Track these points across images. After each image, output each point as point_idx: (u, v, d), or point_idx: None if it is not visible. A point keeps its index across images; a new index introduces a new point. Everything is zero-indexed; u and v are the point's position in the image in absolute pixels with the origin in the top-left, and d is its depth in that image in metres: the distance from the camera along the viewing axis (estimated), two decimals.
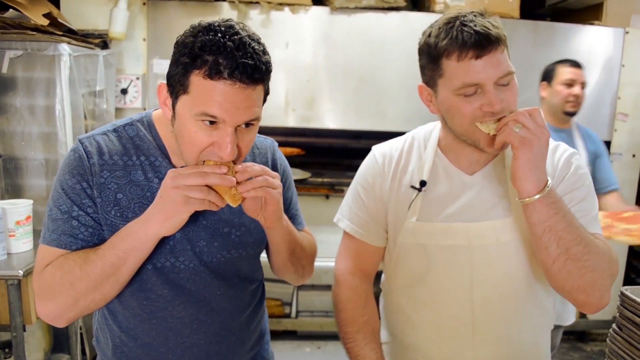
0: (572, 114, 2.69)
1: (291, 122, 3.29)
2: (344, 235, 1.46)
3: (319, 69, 3.25)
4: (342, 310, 1.40)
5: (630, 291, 1.19)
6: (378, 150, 1.44)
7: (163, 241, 1.16)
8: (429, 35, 1.23)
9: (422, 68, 1.27)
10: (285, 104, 3.23)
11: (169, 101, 1.09)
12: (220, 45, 0.99)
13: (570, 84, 2.66)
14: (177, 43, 1.05)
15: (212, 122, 1.03)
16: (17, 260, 2.13)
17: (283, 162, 1.40)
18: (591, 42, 3.47)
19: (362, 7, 3.18)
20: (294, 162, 3.40)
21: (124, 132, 1.20)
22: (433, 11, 3.30)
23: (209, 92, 1.00)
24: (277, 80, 3.16)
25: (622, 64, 3.48)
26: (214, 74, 0.99)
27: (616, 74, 3.49)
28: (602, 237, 1.28)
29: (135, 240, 1.08)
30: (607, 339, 1.23)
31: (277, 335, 3.50)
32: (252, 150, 1.32)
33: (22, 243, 2.19)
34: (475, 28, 1.15)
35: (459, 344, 1.35)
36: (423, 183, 1.33)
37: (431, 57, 1.22)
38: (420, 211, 1.33)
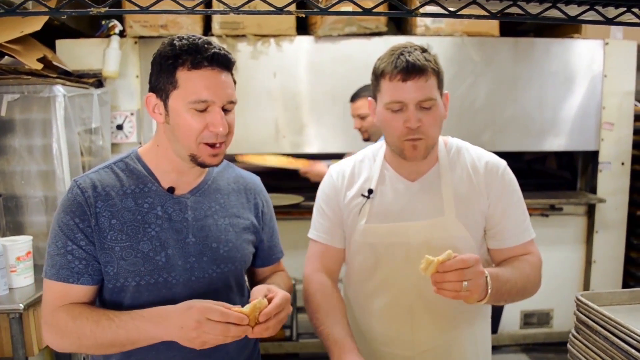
0: None
1: (284, 148, 3.37)
2: (310, 242, 1.63)
3: (308, 96, 3.34)
4: (311, 301, 1.54)
5: (585, 297, 1.25)
6: (333, 168, 1.65)
7: (155, 258, 1.28)
8: (379, 59, 1.46)
9: (371, 84, 1.50)
10: (276, 131, 3.31)
11: (160, 106, 1.27)
12: (194, 44, 1.23)
13: None
14: (156, 56, 1.26)
15: (202, 110, 1.23)
16: (18, 295, 2.20)
17: (267, 197, 1.55)
18: (572, 55, 3.55)
19: (345, 34, 3.29)
20: (287, 187, 3.49)
21: (115, 168, 1.34)
22: (415, 34, 3.39)
23: (196, 81, 1.22)
24: (267, 109, 3.26)
25: (604, 75, 3.55)
26: (195, 64, 1.22)
27: (599, 85, 3.56)
28: (534, 247, 1.52)
29: (146, 337, 1.20)
30: (568, 344, 1.29)
31: (279, 358, 3.54)
32: (240, 181, 1.49)
33: (23, 278, 2.27)
34: (408, 58, 1.37)
35: (401, 328, 1.53)
36: (370, 191, 1.53)
37: (375, 76, 1.46)
38: (369, 215, 1.52)
